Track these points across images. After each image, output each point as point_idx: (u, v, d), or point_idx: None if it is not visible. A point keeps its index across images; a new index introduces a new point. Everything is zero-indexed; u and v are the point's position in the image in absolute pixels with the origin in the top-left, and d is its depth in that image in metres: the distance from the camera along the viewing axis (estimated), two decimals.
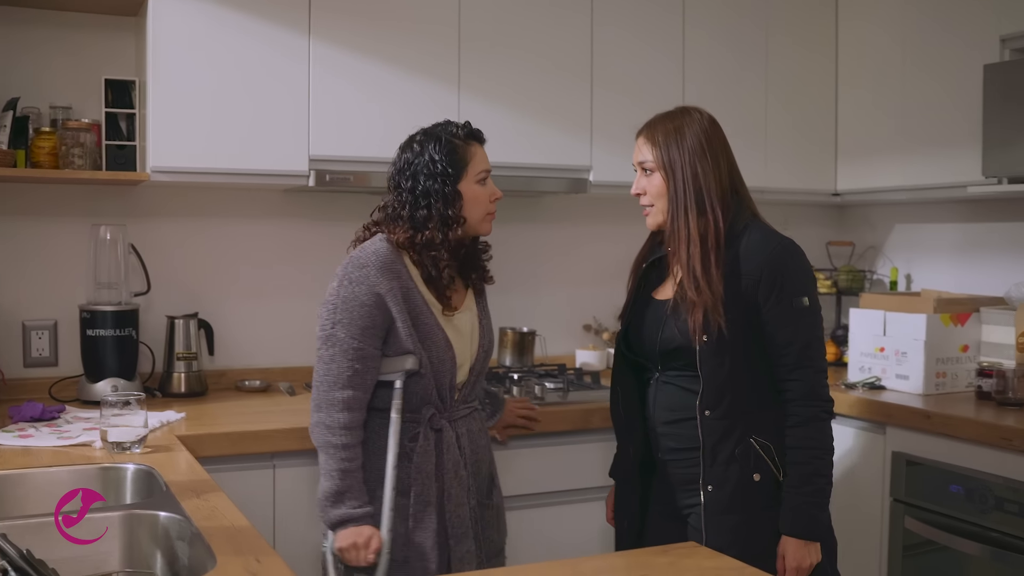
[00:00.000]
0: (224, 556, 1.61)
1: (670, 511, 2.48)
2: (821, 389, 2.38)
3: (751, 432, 2.36)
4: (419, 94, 3.25)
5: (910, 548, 3.10)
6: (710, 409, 2.36)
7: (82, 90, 3.23)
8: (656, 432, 2.48)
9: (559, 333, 3.95)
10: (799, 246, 2.44)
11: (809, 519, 2.34)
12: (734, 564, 1.58)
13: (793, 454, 2.35)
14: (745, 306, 2.35)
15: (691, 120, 2.45)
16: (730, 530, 2.34)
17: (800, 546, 2.33)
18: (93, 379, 3.09)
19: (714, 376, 2.35)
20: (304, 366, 3.50)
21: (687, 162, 2.40)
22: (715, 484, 2.36)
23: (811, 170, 3.99)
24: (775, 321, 2.35)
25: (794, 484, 2.34)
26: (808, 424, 2.35)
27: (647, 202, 2.48)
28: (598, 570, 1.56)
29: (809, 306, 2.38)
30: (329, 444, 2.31)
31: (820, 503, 2.36)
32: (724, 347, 2.34)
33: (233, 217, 3.45)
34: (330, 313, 2.34)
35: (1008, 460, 2.79)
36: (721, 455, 2.36)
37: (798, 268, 2.40)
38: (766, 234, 2.41)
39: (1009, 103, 3.14)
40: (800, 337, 2.36)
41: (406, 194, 2.41)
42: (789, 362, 2.36)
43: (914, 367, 3.32)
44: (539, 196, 3.82)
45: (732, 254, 2.37)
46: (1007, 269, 3.69)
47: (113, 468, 2.28)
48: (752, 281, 2.35)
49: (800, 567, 2.33)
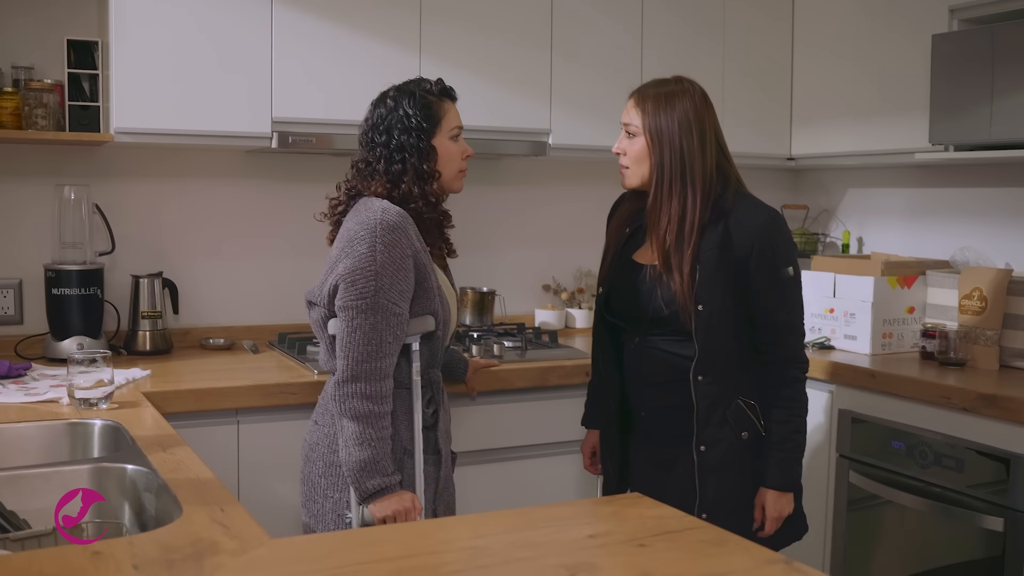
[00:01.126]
0: (190, 506, 1.67)
1: (657, 462, 2.58)
2: (801, 352, 2.53)
3: (738, 393, 2.49)
4: (381, 58, 3.28)
5: (854, 502, 3.21)
6: (703, 375, 2.46)
7: (44, 50, 3.23)
8: (641, 393, 2.58)
9: (518, 293, 4.03)
10: (783, 217, 2.54)
11: (789, 473, 2.51)
12: (676, 513, 1.66)
13: (776, 412, 2.49)
14: (736, 277, 2.44)
15: (683, 92, 2.49)
16: (720, 485, 2.48)
17: (779, 497, 2.50)
18: (59, 337, 3.13)
19: (709, 344, 2.45)
20: (267, 324, 3.57)
21: (674, 135, 2.45)
22: (708, 444, 2.48)
23: (767, 135, 4.07)
24: (764, 290, 2.46)
25: (776, 441, 2.49)
26: (790, 385, 2.50)
27: (625, 163, 2.54)
28: (545, 519, 1.64)
29: (794, 275, 2.50)
30: (371, 414, 2.24)
31: (798, 457, 2.52)
32: (717, 317, 2.44)
33: (197, 177, 3.49)
34: (370, 280, 2.24)
35: (947, 418, 2.90)
36: (715, 417, 2.48)
37: (785, 240, 2.51)
38: (756, 207, 2.49)
39: (955, 73, 3.22)
40: (786, 305, 2.49)
41: (380, 148, 2.41)
42: (776, 328, 2.48)
43: (862, 328, 3.43)
44: (499, 158, 3.88)
45: (723, 227, 2.45)
46: (953, 233, 3.80)
47: (81, 423, 2.33)
48: (743, 253, 2.44)
49: (780, 516, 2.51)
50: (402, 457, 2.37)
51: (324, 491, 2.39)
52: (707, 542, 1.53)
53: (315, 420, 2.48)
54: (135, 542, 1.49)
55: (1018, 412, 2.70)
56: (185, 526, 1.57)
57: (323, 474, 2.40)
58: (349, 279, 2.27)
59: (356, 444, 2.24)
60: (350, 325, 2.26)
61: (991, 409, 2.77)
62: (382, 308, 2.26)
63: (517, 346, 3.32)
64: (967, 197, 3.78)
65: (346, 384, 2.26)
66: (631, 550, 1.49)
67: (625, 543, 1.52)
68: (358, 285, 2.26)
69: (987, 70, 3.11)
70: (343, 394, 2.26)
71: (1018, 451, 2.71)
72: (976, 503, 2.82)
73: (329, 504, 2.38)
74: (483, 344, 3.34)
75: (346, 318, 2.27)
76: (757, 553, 1.49)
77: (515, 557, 1.45)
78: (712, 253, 2.43)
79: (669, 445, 2.54)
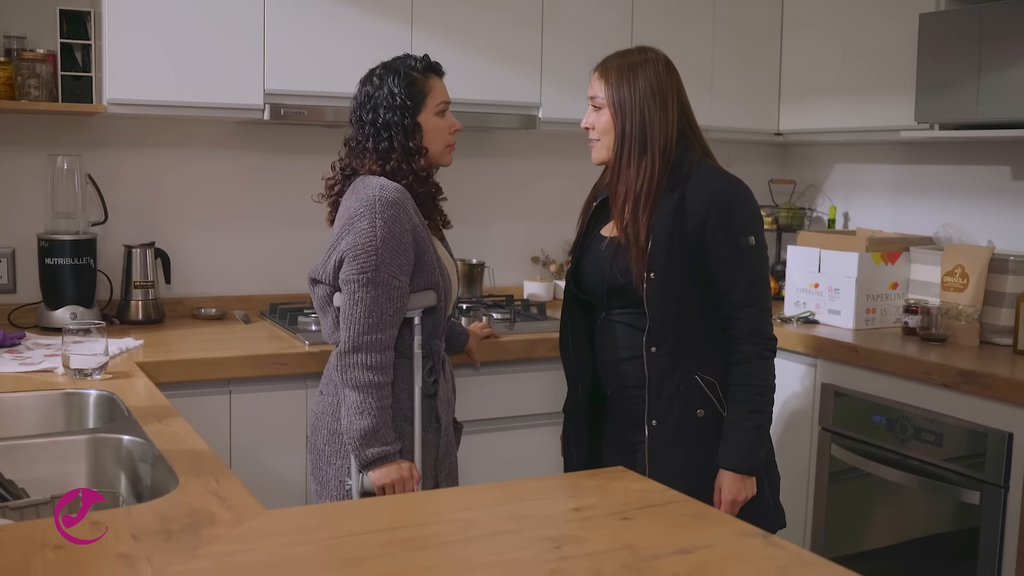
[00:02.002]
0: (185, 477, 1.71)
1: (622, 446, 2.55)
2: (765, 327, 2.42)
3: (696, 369, 2.42)
4: (372, 31, 3.30)
5: (836, 474, 3.28)
6: (656, 346, 2.41)
7: (36, 20, 3.24)
8: (606, 370, 2.55)
9: (508, 265, 4.07)
10: (746, 185, 2.46)
11: (746, 454, 2.39)
12: (658, 487, 1.71)
13: (735, 391, 2.41)
14: (692, 245, 2.38)
15: (645, 61, 2.46)
16: (673, 463, 2.42)
17: (736, 479, 2.40)
18: (52, 306, 3.16)
19: (661, 314, 2.40)
20: (258, 294, 3.61)
21: (636, 103, 2.42)
22: (659, 419, 2.43)
23: (755, 110, 4.10)
24: (721, 260, 2.38)
25: (734, 420, 2.40)
26: (751, 362, 2.40)
27: (594, 136, 2.52)
28: (532, 491, 1.69)
29: (755, 245, 2.41)
30: (371, 384, 2.32)
31: (758, 439, 2.41)
32: (670, 285, 2.39)
33: (189, 148, 3.51)
34: (371, 255, 2.32)
35: (927, 393, 2.96)
36: (666, 391, 2.42)
37: (744, 208, 2.42)
38: (714, 174, 2.44)
39: (942, 52, 3.26)
40: (745, 276, 2.39)
41: (368, 127, 2.47)
42: (734, 300, 2.40)
43: (846, 303, 3.48)
44: (489, 132, 3.90)
45: (679, 195, 2.39)
46: (938, 210, 3.85)
47: (76, 394, 2.37)
48: (699, 221, 2.38)
49: (735, 500, 2.40)
50: (403, 424, 2.45)
51: (328, 458, 2.48)
52: (688, 515, 1.58)
53: (320, 390, 2.56)
54: (133, 512, 1.54)
55: (995, 388, 2.76)
56: (181, 497, 1.62)
57: (327, 441, 2.48)
58: (351, 254, 2.35)
59: (357, 413, 2.33)
60: (352, 298, 2.34)
61: (970, 385, 2.82)
62: (383, 282, 2.33)
63: (506, 318, 3.36)
64: (952, 174, 3.82)
65: (348, 355, 2.34)
66: (614, 523, 1.54)
67: (609, 516, 1.57)
68: (359, 260, 2.34)
69: (974, 50, 3.14)
70: (345, 364, 2.34)
71: (995, 426, 2.76)
72: (954, 476, 2.89)
73: (332, 471, 2.47)
74: (472, 316, 3.38)
75: (348, 291, 2.35)
76: (736, 527, 1.54)
77: (502, 529, 1.50)
78: (666, 220, 2.38)
79: (633, 426, 2.50)
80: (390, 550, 1.40)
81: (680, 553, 1.41)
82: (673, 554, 1.41)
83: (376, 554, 1.38)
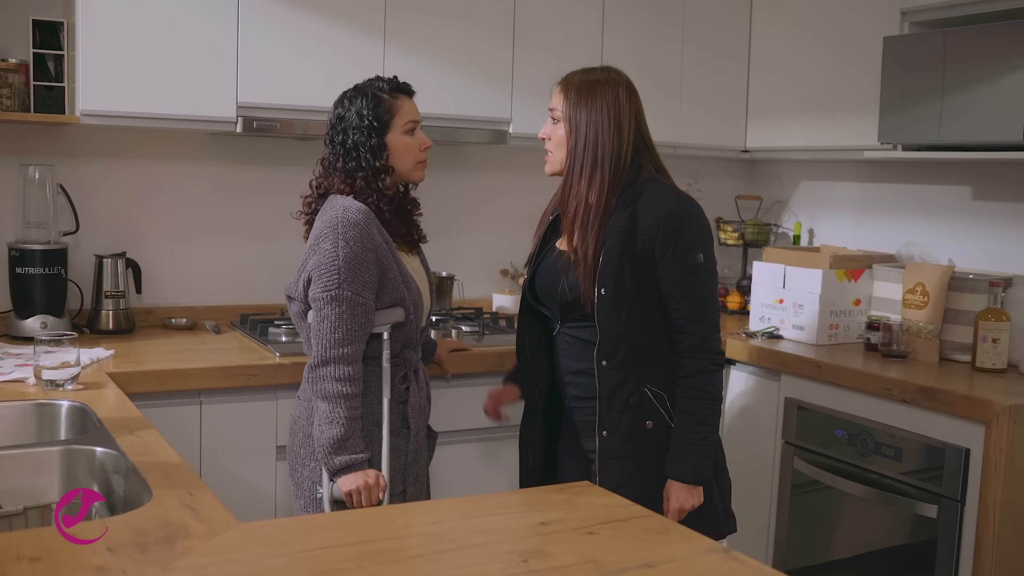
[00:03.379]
0: (159, 490, 1.73)
1: (576, 453, 2.61)
2: (712, 342, 2.47)
3: (646, 382, 2.47)
4: (346, 45, 3.33)
5: (798, 487, 3.33)
6: (607, 360, 2.46)
7: (8, 30, 3.25)
8: (563, 381, 2.60)
9: (477, 278, 4.10)
10: (697, 204, 2.49)
11: (692, 465, 2.44)
12: (624, 502, 1.75)
13: (682, 403, 2.46)
14: (642, 262, 2.42)
15: (607, 82, 2.50)
16: (621, 473, 2.48)
17: (683, 489, 2.45)
18: (22, 315, 3.17)
19: (611, 328, 2.45)
20: (228, 305, 3.63)
21: (591, 122, 2.46)
22: (609, 430, 2.48)
23: (722, 127, 4.16)
24: (670, 276, 2.43)
25: (680, 432, 2.45)
26: (697, 375, 2.45)
27: (549, 148, 2.57)
28: (500, 506, 1.73)
29: (704, 262, 2.44)
30: (339, 395, 2.41)
31: (704, 450, 2.45)
32: (621, 301, 2.43)
33: (160, 159, 3.52)
34: (333, 274, 2.42)
35: (888, 408, 3.01)
36: (616, 403, 2.47)
37: (693, 225, 2.45)
38: (664, 192, 2.47)
39: (905, 74, 3.33)
40: (694, 293, 2.44)
41: (339, 147, 2.57)
42: (682, 316, 2.44)
43: (809, 319, 3.54)
44: (460, 146, 3.94)
45: (630, 212, 2.43)
46: (900, 228, 3.92)
47: (48, 404, 2.38)
48: (648, 238, 2.42)
49: (682, 508, 2.45)
50: (372, 429, 2.53)
51: (303, 460, 2.56)
52: (651, 531, 1.62)
53: (299, 395, 2.65)
54: (108, 525, 1.56)
55: (953, 405, 2.82)
56: (156, 509, 1.64)
57: (302, 444, 2.57)
58: (316, 273, 2.45)
59: (327, 423, 2.42)
60: (319, 315, 2.45)
61: (928, 401, 2.88)
62: (347, 299, 2.43)
63: (475, 331, 3.40)
64: (915, 193, 3.89)
65: (318, 368, 2.45)
66: (580, 537, 1.58)
67: (574, 530, 1.61)
68: (324, 278, 2.44)
69: (937, 72, 3.21)
70: (315, 376, 2.45)
71: (952, 442, 2.83)
72: (912, 491, 2.95)
73: (306, 472, 2.56)
74: (442, 328, 3.42)
75: (316, 308, 2.46)
76: (698, 542, 1.59)
77: (471, 543, 1.54)
78: (617, 237, 2.42)
79: (585, 435, 2.56)
80: (361, 563, 1.43)
81: (643, 567, 1.46)
82: (636, 568, 1.45)
83: (347, 567, 1.41)
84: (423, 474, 2.67)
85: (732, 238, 4.34)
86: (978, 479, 2.77)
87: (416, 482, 2.63)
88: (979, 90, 3.10)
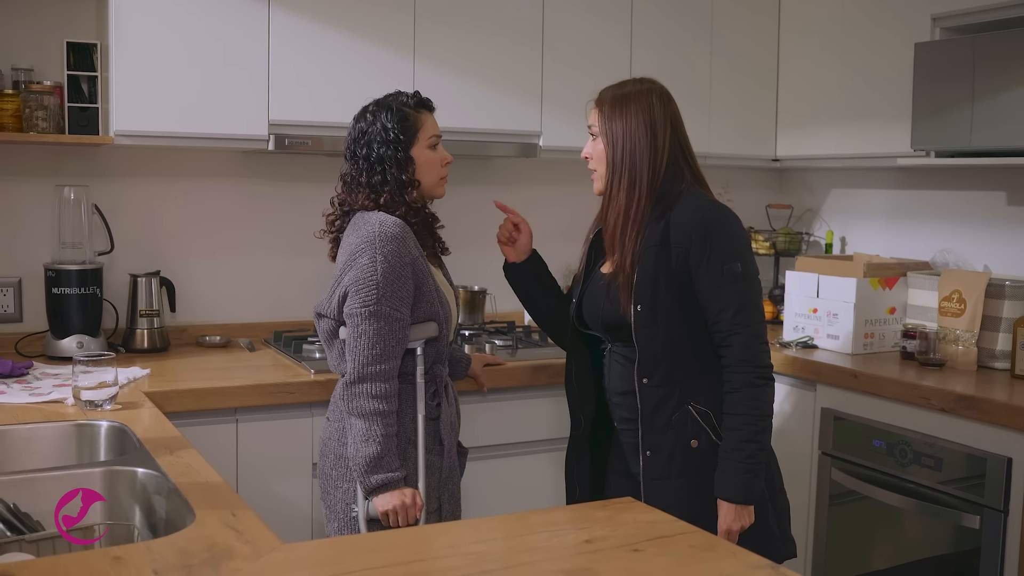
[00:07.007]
0: (202, 511, 1.74)
1: (625, 474, 2.58)
2: (757, 355, 2.40)
3: (689, 399, 2.42)
4: (375, 60, 3.34)
5: (836, 498, 3.31)
6: (647, 377, 2.43)
7: (42, 52, 3.28)
8: (612, 403, 2.58)
9: (509, 291, 4.04)
10: (731, 211, 2.45)
11: (740, 483, 2.37)
12: (668, 518, 1.74)
13: (728, 420, 2.39)
14: (679, 275, 2.39)
15: (640, 92, 2.49)
16: (669, 493, 2.42)
17: (731, 509, 2.38)
18: (59, 336, 3.19)
19: (648, 345, 2.41)
20: (262, 322, 3.64)
21: (627, 134, 2.45)
22: (652, 449, 2.44)
23: (752, 136, 4.15)
24: (707, 288, 2.38)
25: (727, 449, 2.39)
26: (741, 390, 2.38)
27: (592, 166, 2.56)
28: (543, 524, 1.72)
29: (743, 271, 2.39)
30: (376, 412, 2.40)
31: (751, 468, 2.37)
32: (658, 317, 2.40)
33: (193, 177, 3.54)
34: (372, 289, 2.40)
35: (926, 417, 2.98)
36: (658, 422, 2.43)
37: (728, 233, 2.40)
38: (697, 202, 2.43)
39: (937, 80, 3.30)
40: (733, 303, 2.37)
41: (362, 162, 2.55)
42: (724, 328, 2.38)
43: (844, 328, 3.51)
44: (490, 159, 3.94)
45: (664, 224, 2.41)
46: (934, 235, 3.89)
47: (87, 424, 2.39)
48: (682, 250, 2.38)
49: (730, 530, 2.38)
50: (407, 447, 2.51)
51: (335, 482, 2.55)
52: (697, 547, 1.61)
53: (328, 417, 2.64)
54: (153, 547, 1.56)
55: (993, 414, 2.79)
56: (199, 531, 1.64)
57: (334, 466, 2.55)
58: (354, 289, 2.43)
59: (363, 441, 2.40)
60: (356, 331, 2.42)
61: (968, 410, 2.85)
62: (385, 315, 2.41)
63: (508, 344, 3.39)
64: (948, 200, 3.86)
65: (354, 385, 2.42)
66: (626, 555, 1.57)
67: (620, 548, 1.60)
68: (362, 294, 2.42)
69: (968, 78, 3.19)
70: (351, 394, 2.42)
71: (994, 451, 2.80)
72: (953, 500, 2.92)
73: (339, 494, 2.54)
74: (475, 343, 3.41)
75: (352, 324, 2.43)
76: (744, 558, 1.57)
77: (517, 562, 1.53)
78: (651, 251, 2.40)
79: (632, 457, 2.53)
80: None
81: None
82: None
83: None
84: (456, 491, 2.66)
85: (763, 247, 4.32)
86: (1022, 488, 2.74)
87: (451, 499, 2.62)
88: (1009, 95, 3.08)
